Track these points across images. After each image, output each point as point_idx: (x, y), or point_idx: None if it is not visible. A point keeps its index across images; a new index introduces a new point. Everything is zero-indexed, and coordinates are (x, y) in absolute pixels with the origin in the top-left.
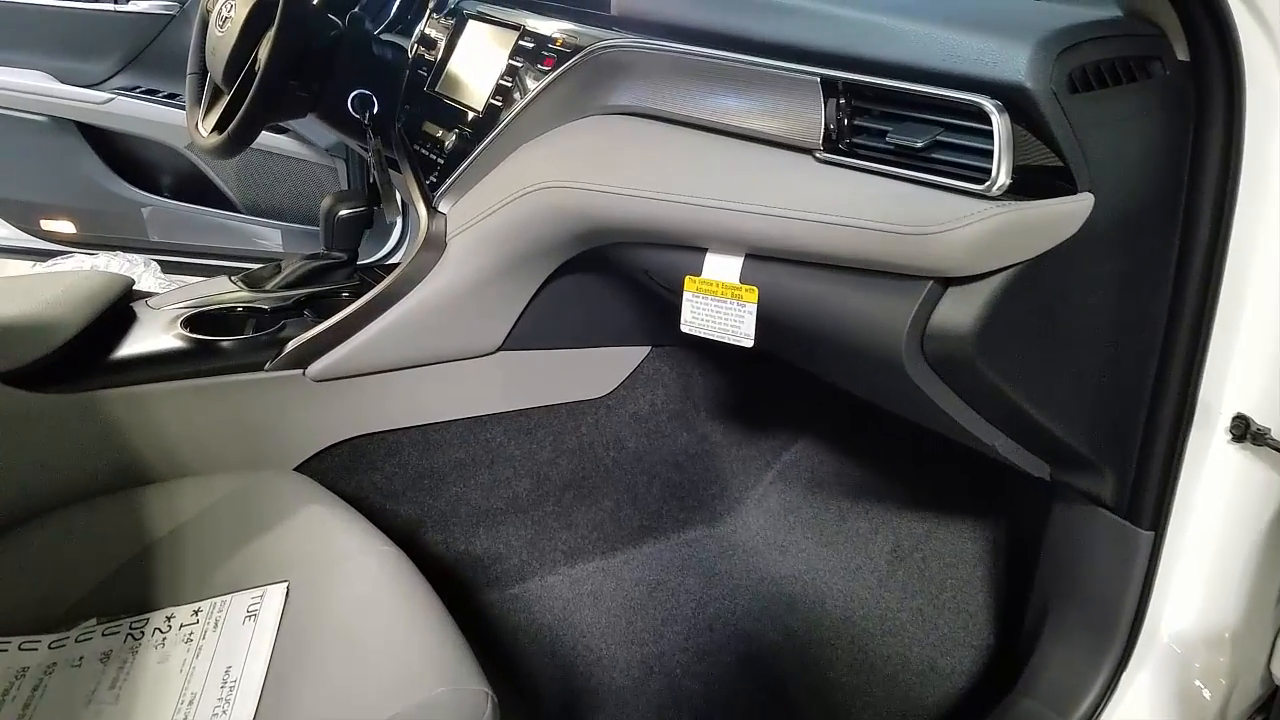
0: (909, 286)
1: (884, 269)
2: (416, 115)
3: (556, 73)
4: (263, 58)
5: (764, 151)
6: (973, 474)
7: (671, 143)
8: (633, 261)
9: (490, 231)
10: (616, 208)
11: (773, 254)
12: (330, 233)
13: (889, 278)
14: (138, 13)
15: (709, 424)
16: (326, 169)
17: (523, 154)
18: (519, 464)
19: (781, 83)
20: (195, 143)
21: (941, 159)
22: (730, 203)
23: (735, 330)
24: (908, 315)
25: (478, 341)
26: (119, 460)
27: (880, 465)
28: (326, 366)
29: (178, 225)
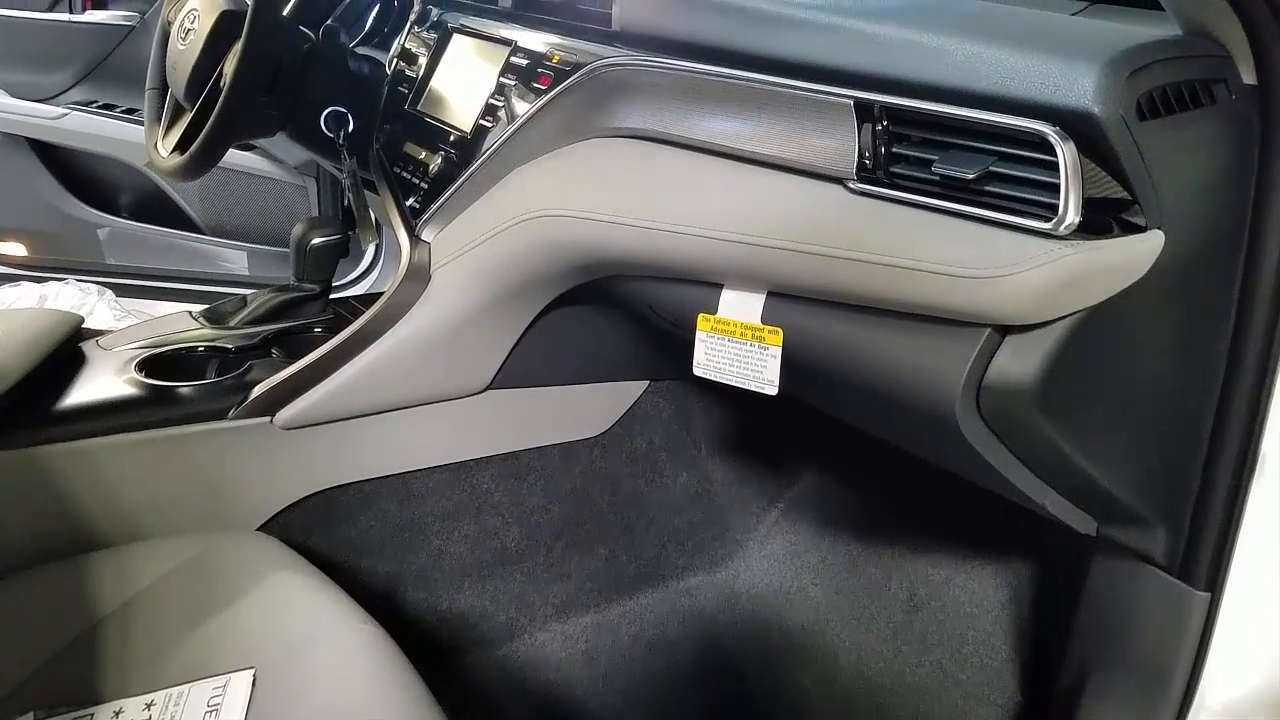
0: (963, 334)
1: (933, 314)
2: (396, 135)
3: (554, 92)
4: (228, 73)
5: (788, 180)
6: (994, 514)
7: (682, 169)
8: (635, 295)
9: (480, 262)
10: (621, 239)
11: (800, 293)
12: (302, 263)
13: (938, 323)
14: (96, 23)
15: (710, 462)
16: (296, 188)
17: (516, 179)
18: (507, 512)
19: (808, 106)
20: (154, 164)
21: (995, 191)
22: (750, 236)
23: (757, 376)
24: (963, 367)
25: (465, 381)
26: (63, 524)
27: (893, 504)
28: (297, 414)
29: (136, 247)
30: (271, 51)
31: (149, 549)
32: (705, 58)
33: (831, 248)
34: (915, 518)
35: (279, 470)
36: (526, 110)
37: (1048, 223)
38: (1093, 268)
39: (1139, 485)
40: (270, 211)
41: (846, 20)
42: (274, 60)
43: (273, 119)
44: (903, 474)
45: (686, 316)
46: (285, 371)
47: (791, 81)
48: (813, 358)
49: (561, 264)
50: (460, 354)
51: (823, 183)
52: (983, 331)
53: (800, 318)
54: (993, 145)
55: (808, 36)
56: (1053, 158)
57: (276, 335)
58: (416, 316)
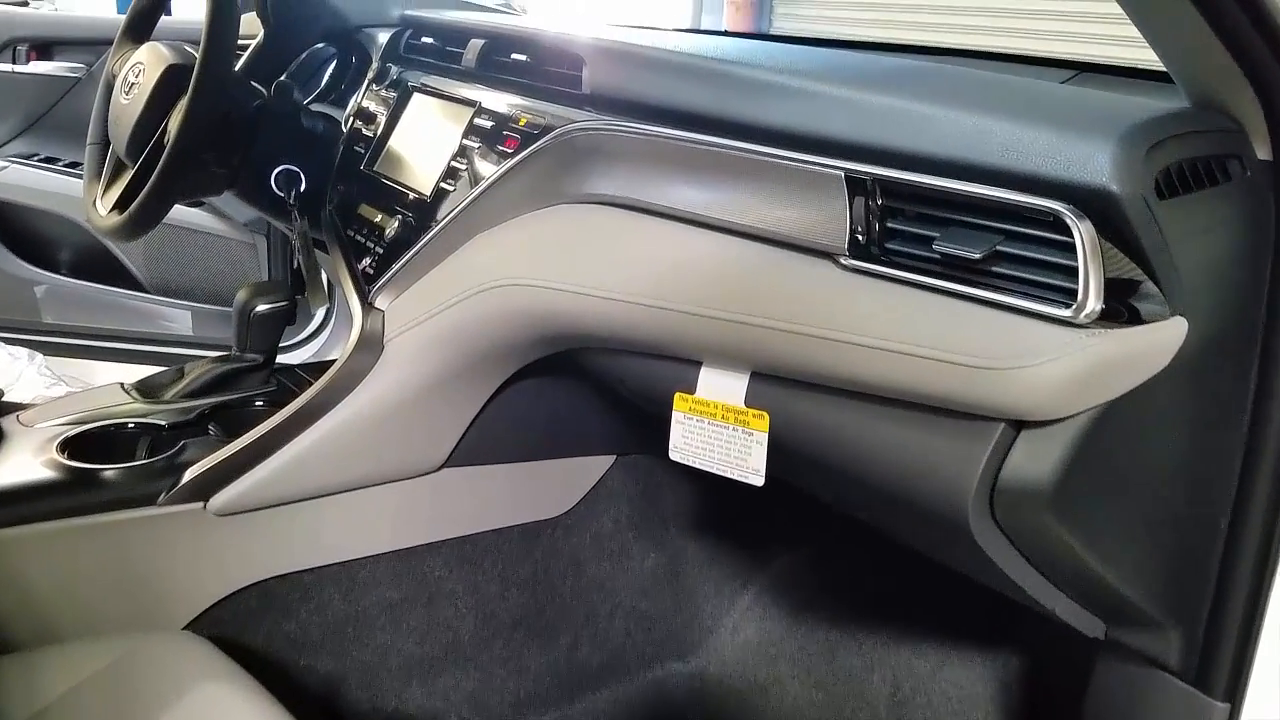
0: (974, 430)
1: (940, 405)
2: (351, 196)
3: (521, 155)
4: (173, 129)
5: (773, 253)
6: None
7: (658, 239)
8: (605, 369)
9: (438, 332)
10: (591, 312)
11: (788, 374)
12: (245, 331)
13: (945, 415)
14: (40, 74)
15: (679, 540)
16: (245, 246)
17: (478, 245)
18: (461, 601)
19: (795, 176)
20: (93, 223)
21: (1002, 273)
22: (732, 312)
23: (740, 463)
24: (975, 468)
25: (418, 459)
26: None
27: (874, 585)
28: (233, 498)
29: (76, 306)
30: (218, 108)
31: (62, 654)
32: (681, 124)
33: (822, 328)
34: (899, 601)
35: (212, 561)
36: (491, 173)
37: (1066, 309)
38: (1117, 359)
39: (1153, 587)
40: (217, 270)
41: (833, 87)
42: (221, 117)
43: (219, 177)
44: (885, 553)
45: (661, 395)
46: (222, 452)
47: (777, 151)
48: (804, 445)
49: (525, 335)
50: (414, 430)
51: (811, 257)
52: (996, 427)
53: (789, 401)
54: (999, 223)
55: (792, 103)
56: (1066, 238)
57: (214, 410)
58: (367, 389)
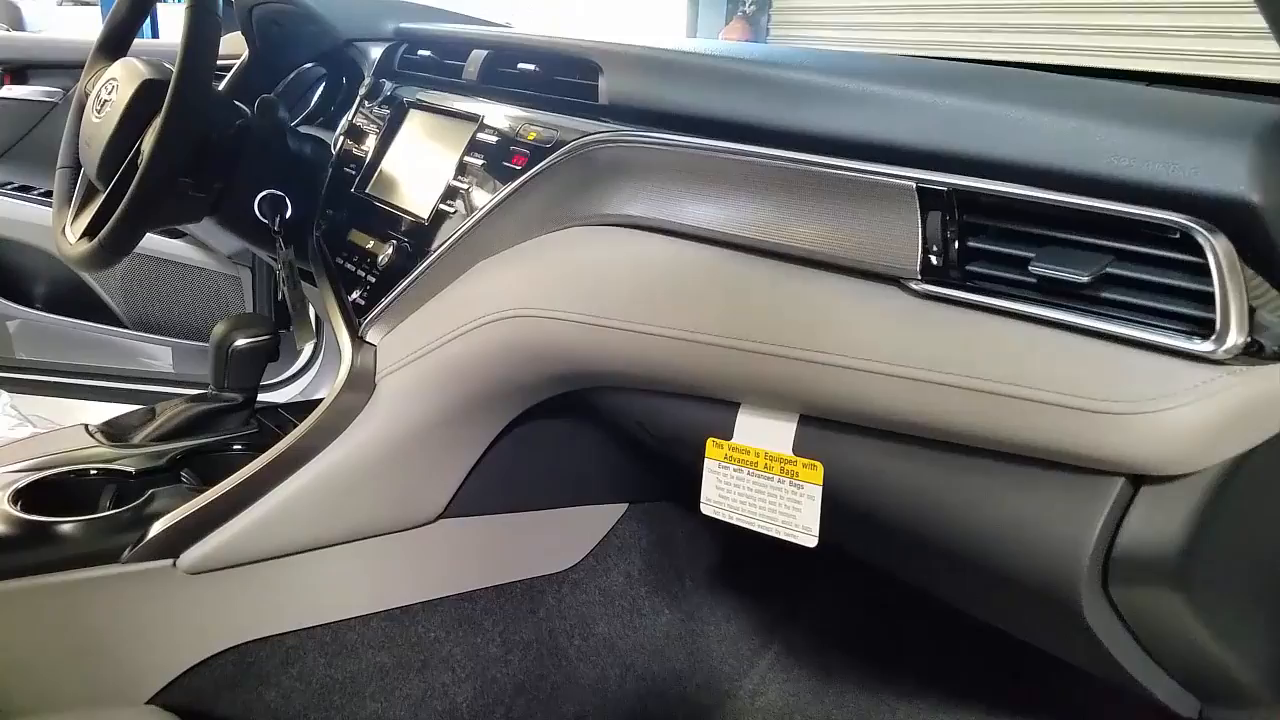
0: (1088, 487)
1: (1041, 456)
2: (341, 221)
3: (531, 173)
4: (147, 149)
5: (828, 280)
6: (1035, 664)
7: (691, 264)
8: (622, 410)
9: (436, 369)
10: (609, 345)
11: (846, 418)
12: (223, 368)
13: (1051, 469)
14: (13, 99)
15: (695, 596)
16: (229, 279)
17: (481, 273)
18: (459, 666)
19: (856, 190)
20: (61, 251)
21: (1113, 299)
22: (779, 346)
23: (788, 521)
24: (1090, 533)
25: (412, 510)
26: None
27: (911, 648)
28: (206, 555)
29: (50, 341)
30: (197, 126)
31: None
32: (716, 135)
33: (889, 363)
34: (937, 664)
35: (182, 624)
36: (496, 194)
37: (1204, 341)
38: (1261, 401)
39: (1267, 663)
40: (199, 305)
41: (897, 89)
42: (200, 137)
43: (198, 202)
44: (924, 610)
45: (690, 440)
46: (194, 502)
47: (835, 161)
48: (865, 503)
49: (534, 372)
50: (408, 477)
51: (873, 283)
52: (1114, 484)
53: (847, 450)
54: (1109, 240)
55: (850, 108)
56: (1195, 257)
57: (188, 455)
58: (357, 433)
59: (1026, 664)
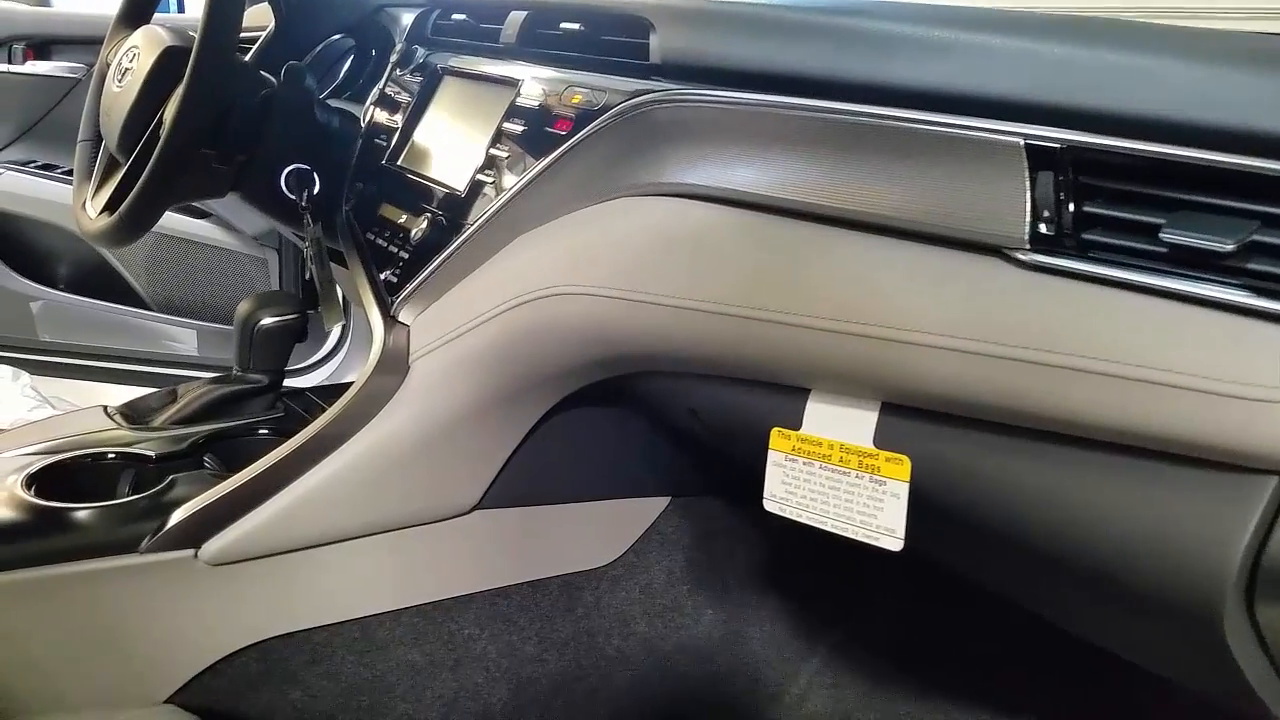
0: (1231, 486)
1: (1173, 449)
2: (372, 195)
3: (577, 138)
4: (168, 119)
5: (919, 251)
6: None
7: (755, 236)
8: (672, 396)
9: (473, 351)
10: (662, 327)
11: (938, 406)
12: (247, 347)
13: (1187, 465)
14: (36, 75)
15: (740, 595)
16: (255, 261)
17: (522, 247)
18: (493, 665)
19: (954, 149)
20: (81, 226)
21: (1261, 270)
22: (859, 324)
23: (868, 521)
24: (1238, 540)
25: (446, 500)
26: None
27: (960, 653)
28: (229, 545)
29: (73, 323)
30: (220, 95)
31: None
32: (782, 92)
33: (992, 342)
34: (992, 669)
35: (203, 619)
36: (538, 162)
37: None
38: None
39: None
40: (225, 286)
41: (995, 37)
42: (223, 105)
43: (221, 176)
44: (975, 612)
45: (751, 430)
46: (216, 490)
47: (929, 116)
48: (960, 505)
49: (577, 355)
50: (442, 467)
51: (972, 254)
52: (1265, 483)
53: (939, 444)
54: (1254, 204)
55: (940, 59)
56: None
57: (210, 439)
58: (389, 418)
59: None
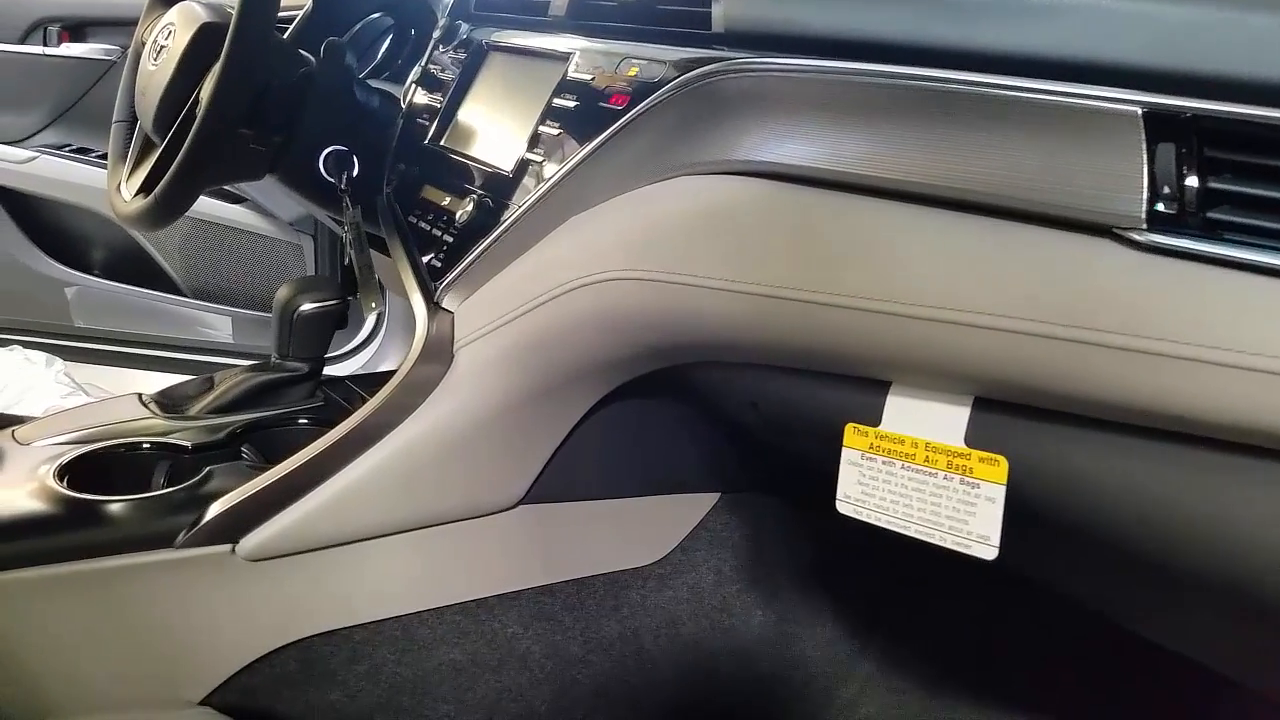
0: None
1: None
2: (413, 177)
3: (634, 113)
4: (205, 97)
5: (1019, 231)
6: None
7: (831, 215)
8: (730, 388)
9: (520, 339)
10: (727, 313)
11: (1041, 402)
12: (286, 335)
13: None
14: (71, 58)
15: (790, 595)
16: (291, 247)
17: (574, 230)
18: (537, 666)
19: (1056, 118)
20: (115, 209)
21: None
22: (950, 310)
23: (958, 527)
24: None
25: (490, 495)
26: None
27: (1022, 657)
28: (268, 540)
29: (108, 309)
30: (258, 75)
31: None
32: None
33: (1108, 330)
34: (1057, 675)
35: (240, 617)
36: (591, 140)
37: None
38: None
39: None
40: (260, 273)
41: None
42: (262, 85)
43: (259, 157)
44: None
45: (821, 425)
46: (255, 482)
47: (1032, 83)
48: (1065, 511)
49: (632, 344)
50: (488, 459)
51: (1078, 235)
52: None
53: (1041, 443)
54: None
55: (1044, 21)
56: None
57: (248, 428)
58: (433, 409)
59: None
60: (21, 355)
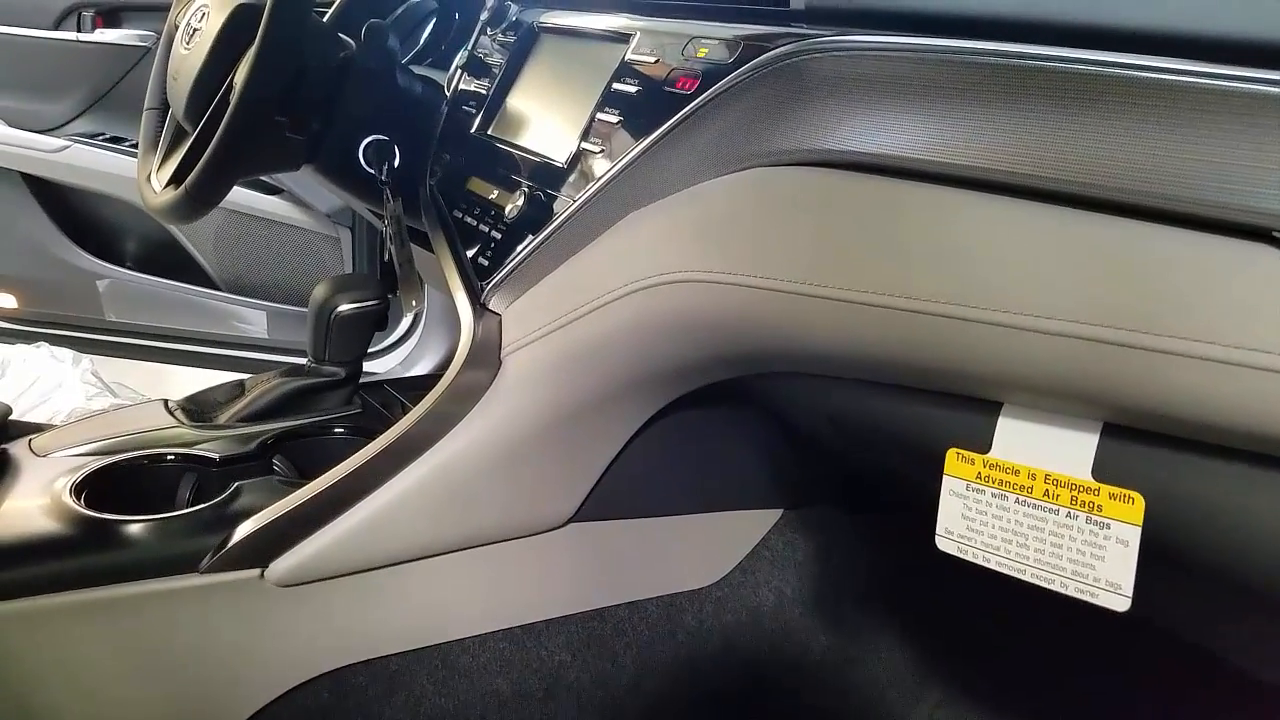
0: None
1: None
2: (459, 169)
3: (704, 98)
4: (238, 84)
5: (1150, 232)
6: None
7: (933, 212)
8: (805, 401)
9: (575, 345)
10: (808, 320)
11: (1184, 432)
12: (324, 337)
13: None
14: (105, 44)
15: (855, 618)
16: (328, 240)
17: (635, 226)
18: (586, 695)
19: (1201, 104)
20: (145, 200)
21: None
22: (1075, 322)
23: (1083, 573)
24: None
25: (539, 512)
26: None
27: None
28: (300, 564)
29: (140, 303)
30: (295, 58)
31: None
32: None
33: (1261, 351)
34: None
35: (269, 646)
36: (656, 128)
37: None
38: None
39: None
40: (296, 266)
41: None
42: (298, 70)
43: (295, 147)
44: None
45: (915, 448)
46: (286, 501)
47: (1175, 64)
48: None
49: (700, 352)
50: (537, 474)
51: (1228, 239)
52: None
53: (1184, 479)
54: None
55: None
56: None
57: (280, 438)
58: (480, 420)
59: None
60: (48, 352)
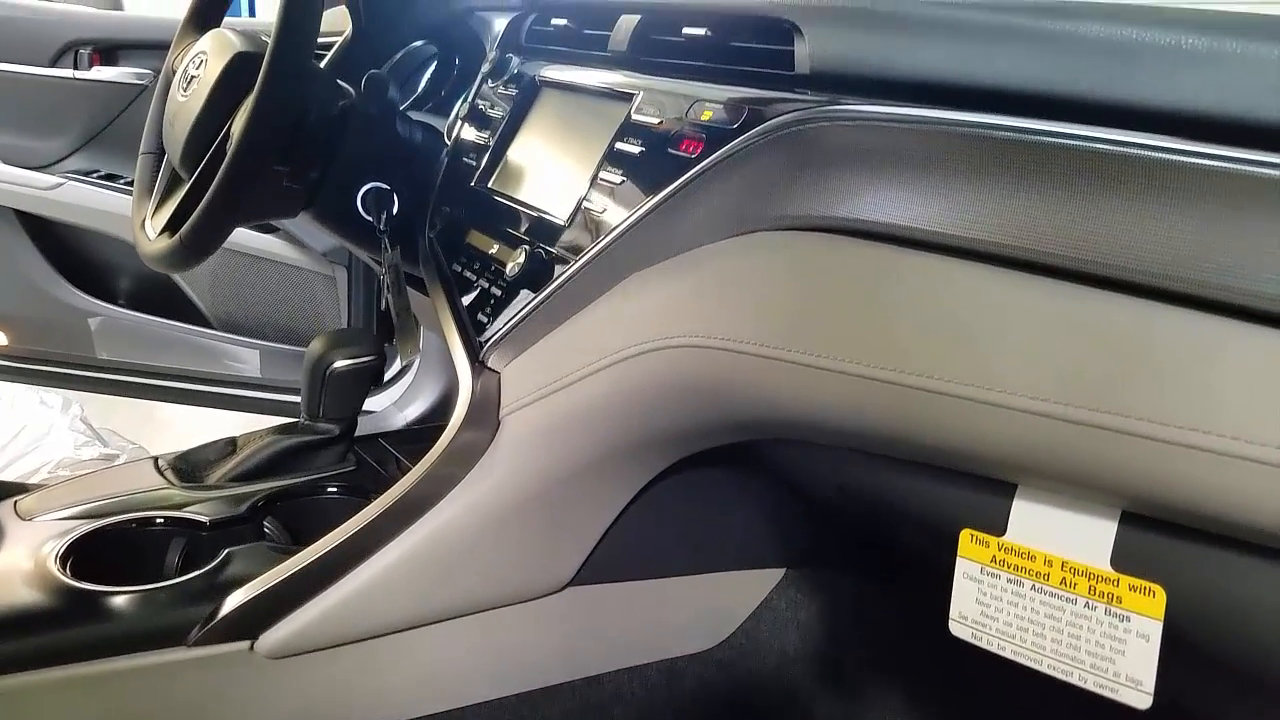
0: None
1: None
2: (459, 221)
3: (710, 161)
4: (237, 131)
5: (1168, 315)
6: None
7: (946, 286)
8: (815, 469)
9: (576, 408)
10: (816, 391)
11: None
12: (318, 394)
13: None
14: (102, 82)
15: (859, 680)
16: (323, 278)
17: (637, 288)
18: None
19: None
20: (139, 247)
21: None
22: (1091, 410)
23: (1101, 667)
24: None
25: (537, 577)
26: None
27: None
28: (291, 636)
29: (133, 340)
30: (294, 106)
31: None
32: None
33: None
34: None
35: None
36: (659, 190)
37: None
38: None
39: None
40: (291, 304)
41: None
42: (297, 118)
43: (293, 195)
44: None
45: (927, 524)
46: (278, 570)
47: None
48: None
49: (702, 417)
50: (535, 538)
51: (1250, 324)
52: None
53: (1206, 573)
54: None
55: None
56: None
57: (272, 498)
58: (478, 482)
59: None
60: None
